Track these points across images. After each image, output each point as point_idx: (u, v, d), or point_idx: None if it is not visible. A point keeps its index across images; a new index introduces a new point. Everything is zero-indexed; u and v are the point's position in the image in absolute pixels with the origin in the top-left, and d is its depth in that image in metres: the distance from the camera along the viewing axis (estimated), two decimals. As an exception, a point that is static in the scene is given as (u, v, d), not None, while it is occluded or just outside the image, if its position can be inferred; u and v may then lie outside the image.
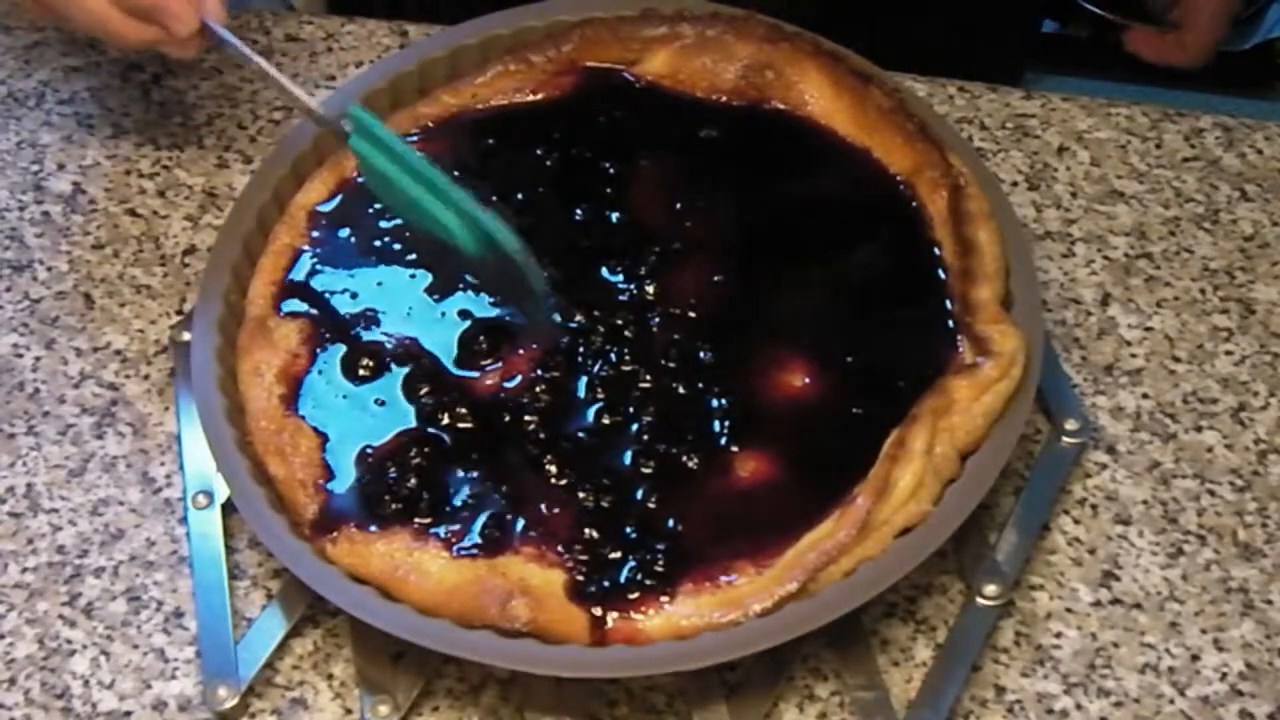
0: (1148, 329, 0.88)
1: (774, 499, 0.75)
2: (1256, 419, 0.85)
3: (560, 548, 0.74)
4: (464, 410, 0.78)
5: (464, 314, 0.82)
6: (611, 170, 0.87)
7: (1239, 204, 0.94)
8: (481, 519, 0.75)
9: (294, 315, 0.82)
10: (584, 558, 0.73)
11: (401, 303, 0.82)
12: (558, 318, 0.80)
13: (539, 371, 0.79)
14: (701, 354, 0.80)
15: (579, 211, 0.85)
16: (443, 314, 0.82)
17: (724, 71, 0.89)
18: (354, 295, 0.83)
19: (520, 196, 0.86)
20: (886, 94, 0.87)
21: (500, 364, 0.80)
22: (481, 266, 0.80)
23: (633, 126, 0.89)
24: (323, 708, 0.75)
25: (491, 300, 0.82)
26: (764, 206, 0.86)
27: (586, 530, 0.74)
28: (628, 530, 0.74)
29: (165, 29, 0.84)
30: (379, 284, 0.83)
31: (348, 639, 0.76)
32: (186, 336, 0.83)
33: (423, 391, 0.79)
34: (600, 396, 0.78)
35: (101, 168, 0.95)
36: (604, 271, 0.83)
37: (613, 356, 0.80)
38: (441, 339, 0.81)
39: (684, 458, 0.76)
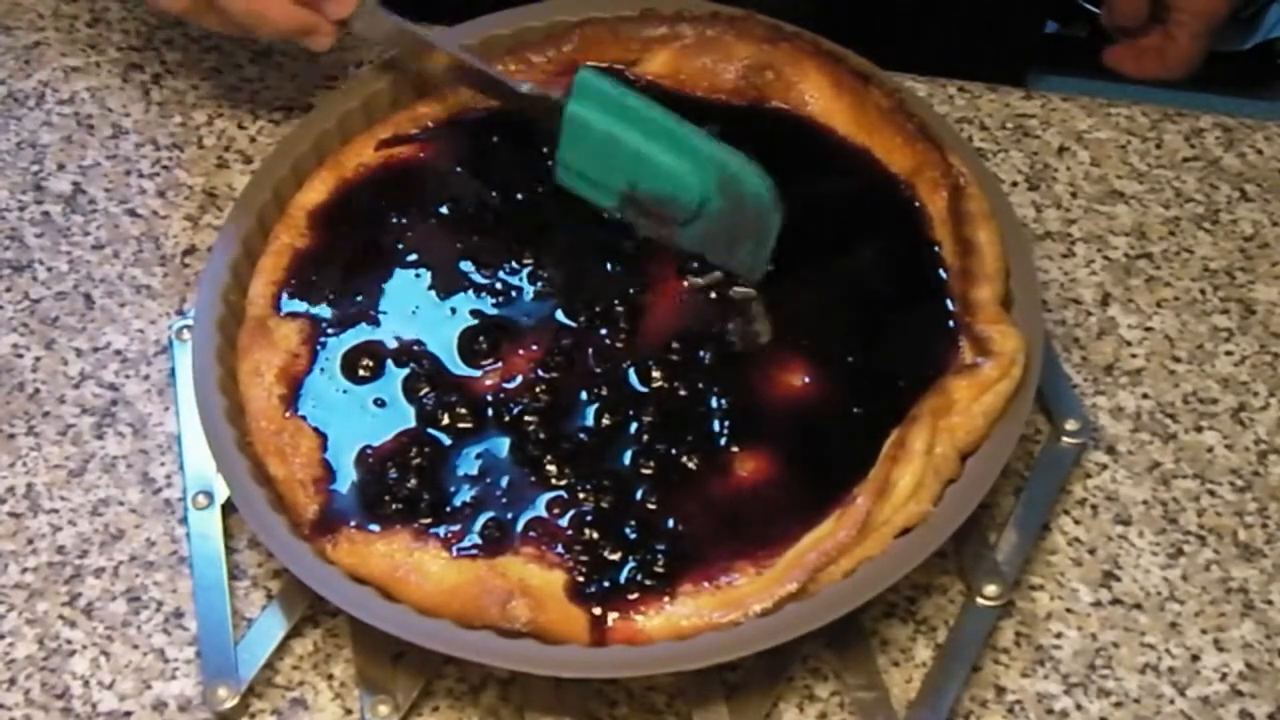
0: (1148, 329, 0.88)
1: (774, 499, 0.75)
2: (1256, 419, 0.85)
3: (560, 548, 0.74)
4: (464, 410, 0.78)
5: (464, 314, 0.82)
6: (611, 170, 0.87)
7: (1239, 204, 0.94)
8: (481, 519, 0.75)
9: (294, 315, 0.82)
10: (584, 558, 0.73)
11: (402, 303, 0.82)
12: (762, 272, 0.82)
13: (539, 372, 0.79)
14: (701, 354, 0.80)
15: (579, 212, 0.85)
16: (443, 314, 0.82)
17: (724, 71, 0.89)
18: (354, 295, 0.83)
19: (520, 196, 0.86)
20: (886, 94, 0.87)
21: (500, 364, 0.80)
22: (703, 218, 0.82)
23: (633, 126, 0.89)
24: (323, 708, 0.75)
25: (699, 250, 0.83)
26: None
27: (586, 530, 0.74)
28: (628, 530, 0.74)
29: (323, 12, 0.85)
30: (379, 284, 0.83)
31: (348, 639, 0.76)
32: (186, 336, 0.83)
33: (423, 392, 0.79)
34: (600, 397, 0.78)
35: (101, 168, 0.95)
36: (605, 271, 0.83)
37: (613, 357, 0.80)
38: (442, 339, 0.81)
39: (684, 458, 0.76)
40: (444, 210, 0.86)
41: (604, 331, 0.81)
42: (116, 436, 0.84)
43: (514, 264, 0.83)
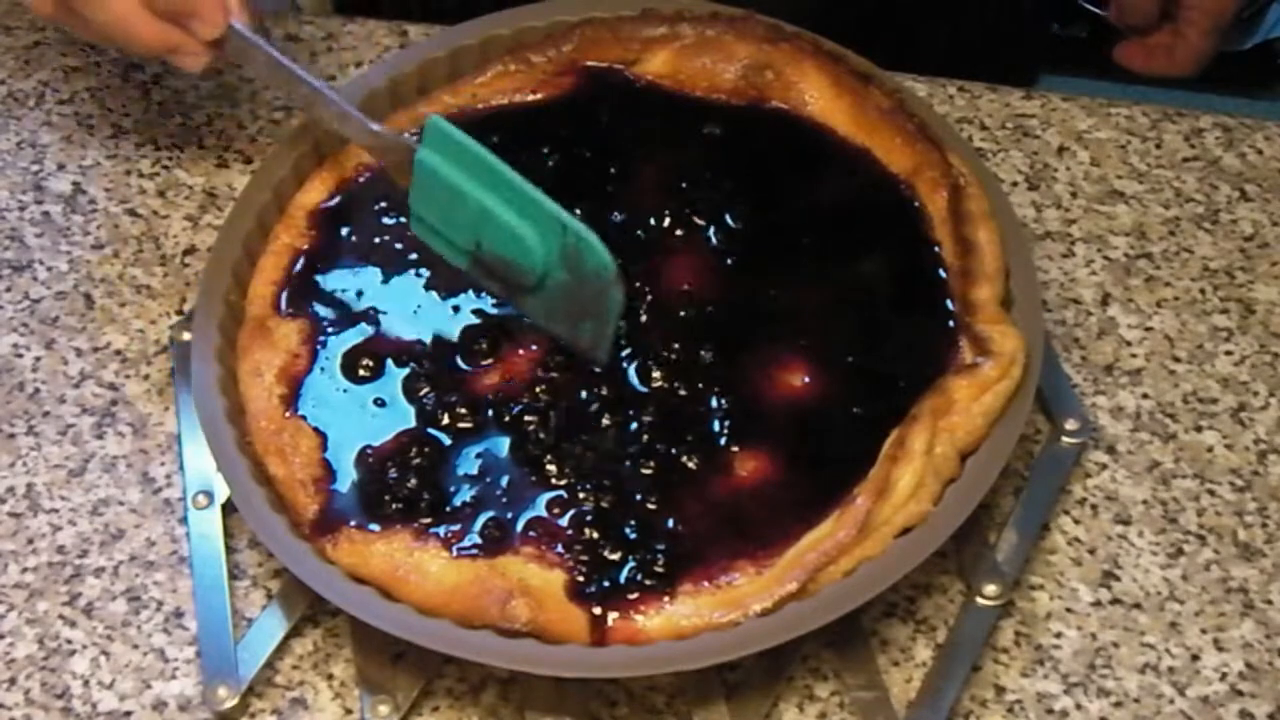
0: (1148, 329, 0.88)
1: (774, 499, 0.75)
2: (1256, 419, 0.85)
3: (560, 548, 0.74)
4: (464, 410, 0.78)
5: (464, 313, 0.82)
6: (611, 170, 0.87)
7: (1239, 204, 0.94)
8: (481, 519, 0.75)
9: (294, 315, 0.82)
10: (584, 558, 0.73)
11: (402, 302, 0.82)
12: (607, 356, 0.79)
13: (539, 372, 0.79)
14: (702, 354, 0.80)
15: (579, 211, 0.85)
16: (443, 314, 0.82)
17: (724, 71, 0.89)
18: (354, 295, 0.83)
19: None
20: (886, 94, 0.87)
21: (500, 364, 0.80)
22: (544, 289, 0.78)
23: (633, 126, 0.89)
24: (323, 708, 0.75)
25: (545, 324, 0.80)
26: (764, 206, 0.86)
27: (586, 530, 0.74)
28: (628, 530, 0.74)
29: (190, 31, 0.82)
30: (379, 284, 0.83)
31: (348, 639, 0.76)
32: (186, 336, 0.83)
33: (423, 391, 0.79)
34: (600, 396, 0.78)
35: (101, 168, 0.95)
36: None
37: (613, 356, 0.80)
38: (442, 339, 0.81)
39: (684, 458, 0.76)
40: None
41: (604, 331, 0.81)
42: (116, 436, 0.84)
43: (514, 264, 0.83)
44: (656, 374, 0.79)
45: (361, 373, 0.80)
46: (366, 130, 0.83)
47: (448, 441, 0.77)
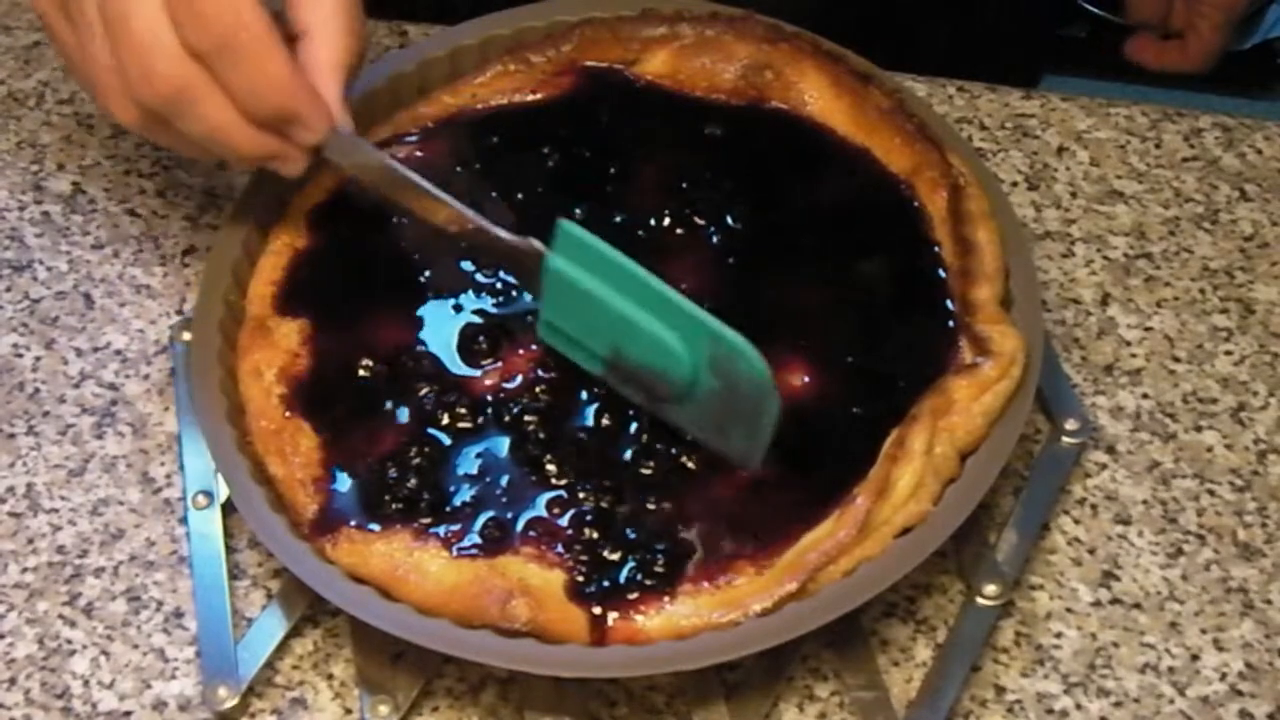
0: (1147, 329, 0.88)
1: (774, 499, 0.75)
2: (1256, 419, 0.85)
3: (560, 548, 0.74)
4: (464, 410, 0.78)
5: (464, 313, 0.82)
6: (611, 170, 0.87)
7: (1239, 204, 0.94)
8: (481, 519, 0.75)
9: (294, 315, 0.82)
10: (584, 558, 0.73)
11: (402, 302, 0.82)
12: (760, 464, 0.75)
13: (539, 372, 0.79)
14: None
15: (579, 211, 0.85)
16: (443, 314, 0.82)
17: (723, 71, 0.89)
18: (354, 295, 0.83)
19: (520, 196, 0.86)
20: (886, 94, 0.87)
21: (500, 364, 0.80)
22: (693, 398, 0.74)
23: (632, 126, 0.89)
24: (323, 708, 0.75)
25: (690, 435, 0.76)
26: (764, 207, 0.86)
27: (586, 530, 0.74)
28: (628, 530, 0.74)
29: (291, 139, 0.76)
30: (379, 284, 0.83)
31: (348, 639, 0.76)
32: (186, 336, 0.83)
33: (423, 391, 0.79)
34: (600, 396, 0.78)
35: (101, 168, 0.95)
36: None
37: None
38: (442, 339, 0.81)
39: (684, 458, 0.76)
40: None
41: (604, 331, 0.81)
42: (116, 436, 0.84)
43: (514, 264, 0.83)
44: (656, 374, 0.79)
45: (362, 373, 0.80)
46: (493, 237, 0.77)
47: (448, 441, 0.77)
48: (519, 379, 0.79)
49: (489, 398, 0.79)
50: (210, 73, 0.72)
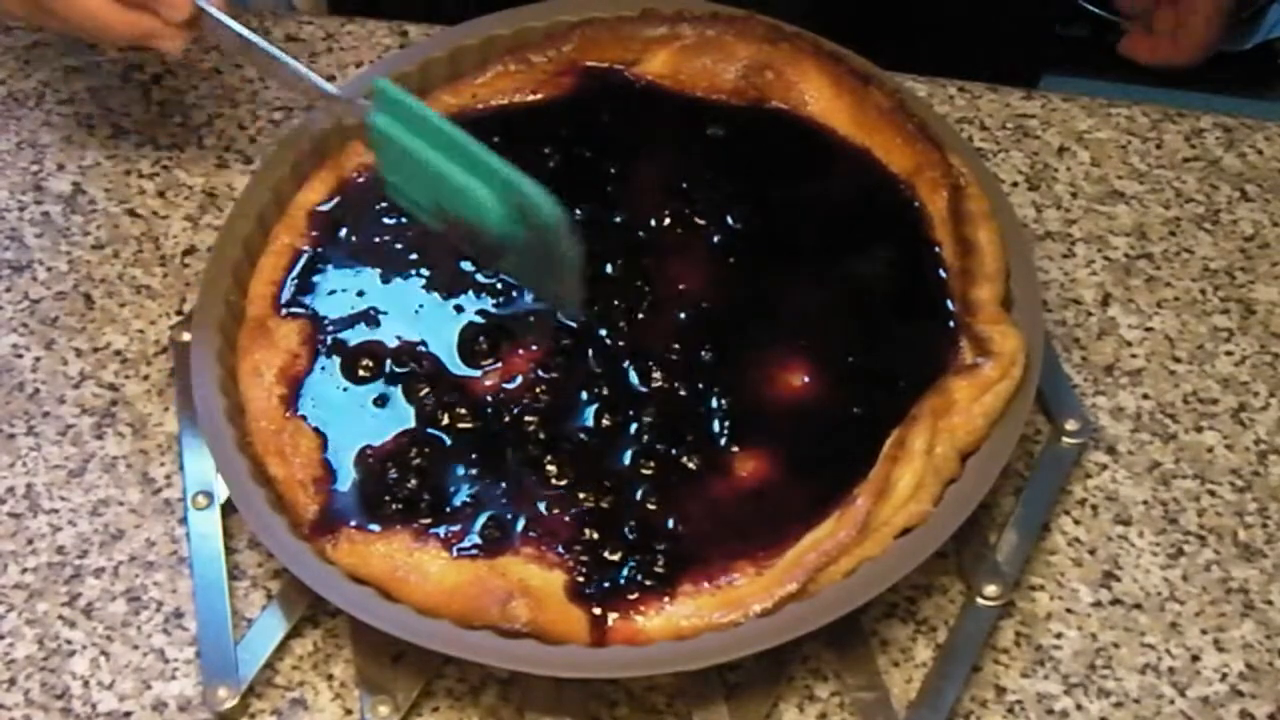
0: (1148, 329, 0.88)
1: (774, 499, 0.75)
2: (1257, 419, 0.85)
3: (560, 548, 0.74)
4: (464, 410, 0.78)
5: (464, 314, 0.82)
6: (612, 170, 0.87)
7: (1239, 204, 0.94)
8: (481, 519, 0.75)
9: (294, 315, 0.82)
10: (584, 558, 0.73)
11: (401, 303, 0.82)
12: (580, 310, 0.79)
13: (539, 372, 0.79)
14: (701, 354, 0.80)
15: (579, 212, 0.85)
16: (443, 314, 0.82)
17: (724, 72, 0.89)
18: (354, 295, 0.83)
19: (520, 196, 0.86)
20: (886, 94, 0.87)
21: (500, 364, 0.80)
22: (510, 248, 0.77)
23: (633, 127, 0.89)
24: (323, 708, 0.75)
25: (522, 283, 0.80)
26: (764, 207, 0.86)
27: (586, 531, 0.74)
28: (628, 531, 0.74)
29: (158, 15, 0.82)
30: (379, 284, 0.83)
31: (348, 639, 0.76)
32: (186, 336, 0.83)
33: (423, 392, 0.79)
34: (600, 397, 0.78)
35: (101, 168, 0.95)
36: (605, 271, 0.83)
37: (613, 357, 0.80)
38: (442, 339, 0.81)
39: (684, 458, 0.76)
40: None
41: (604, 331, 0.81)
42: (116, 436, 0.84)
43: (514, 264, 0.83)
44: (657, 374, 0.79)
45: (361, 373, 0.80)
46: (321, 94, 0.82)
47: (448, 442, 0.77)
48: (519, 379, 0.79)
49: (489, 398, 0.79)
50: None
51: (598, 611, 0.72)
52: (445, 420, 0.78)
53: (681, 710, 0.74)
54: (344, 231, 0.85)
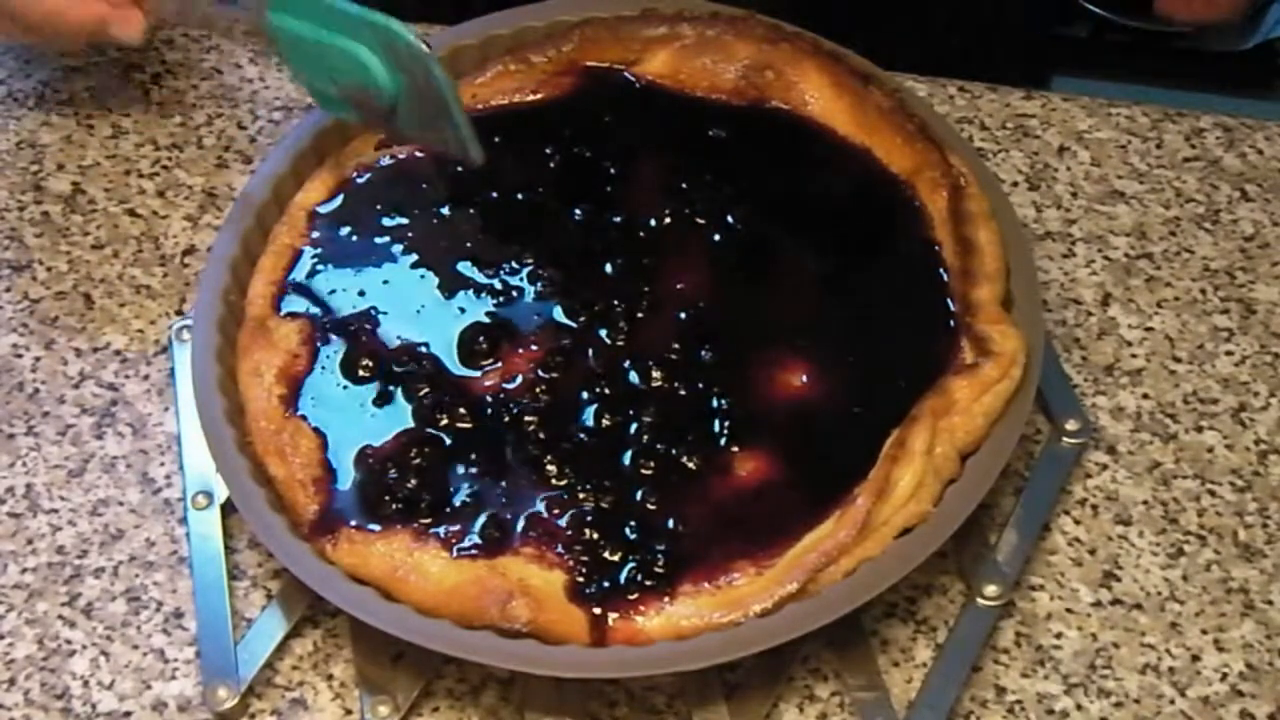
0: (1148, 329, 0.88)
1: (774, 499, 0.75)
2: (1257, 419, 0.85)
3: (560, 548, 0.74)
4: (464, 411, 0.78)
5: (464, 314, 0.82)
6: (612, 170, 0.87)
7: (1239, 204, 0.94)
8: (481, 519, 0.75)
9: (294, 315, 0.82)
10: (584, 558, 0.73)
11: (401, 303, 0.82)
12: (478, 149, 0.81)
13: (539, 372, 0.79)
14: (701, 354, 0.80)
15: (579, 211, 0.85)
16: (443, 314, 0.82)
17: (724, 72, 0.89)
18: (354, 295, 0.83)
19: (520, 196, 0.86)
20: (886, 94, 0.87)
21: (500, 364, 0.80)
22: (401, 103, 0.81)
23: (633, 127, 0.89)
24: (323, 708, 0.75)
25: (423, 140, 0.84)
26: (764, 206, 0.86)
27: (586, 531, 0.74)
28: (628, 531, 0.74)
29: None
30: (379, 284, 0.83)
31: (348, 639, 0.76)
32: (186, 336, 0.83)
33: (423, 392, 0.79)
34: (600, 396, 0.78)
35: (101, 168, 0.95)
36: (605, 271, 0.83)
37: (613, 357, 0.80)
38: (441, 339, 0.81)
39: (684, 458, 0.76)
40: (444, 210, 0.86)
41: (604, 331, 0.81)
42: (116, 436, 0.84)
43: (514, 264, 0.83)
44: (656, 374, 0.79)
45: (361, 373, 0.80)
46: (231, 12, 0.87)
47: (448, 442, 0.77)
48: (519, 379, 0.79)
49: (489, 398, 0.79)
50: None
51: (598, 611, 0.72)
52: (445, 420, 0.78)
53: (681, 710, 0.74)
54: (344, 231, 0.85)
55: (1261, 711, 0.75)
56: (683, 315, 0.81)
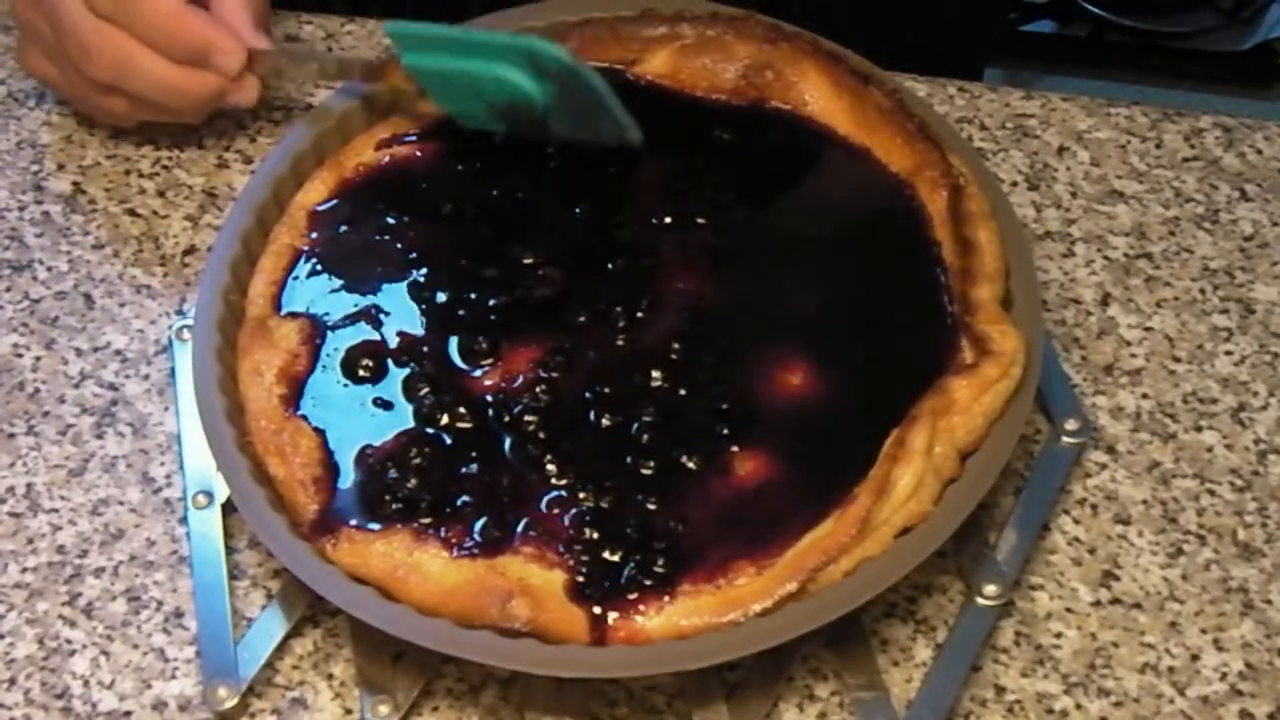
0: (1148, 329, 0.88)
1: (774, 499, 0.75)
2: (1256, 419, 0.85)
3: (560, 548, 0.74)
4: (464, 410, 0.78)
5: (465, 313, 0.82)
6: (612, 169, 0.87)
7: (1239, 204, 0.94)
8: (481, 519, 0.75)
9: (294, 315, 0.82)
10: (584, 558, 0.73)
11: (402, 302, 0.82)
12: (636, 131, 0.83)
13: (539, 372, 0.79)
14: (702, 354, 0.80)
15: (579, 211, 0.86)
16: (443, 313, 0.82)
17: (724, 71, 0.89)
18: (354, 295, 0.83)
19: (521, 196, 0.86)
20: (886, 94, 0.87)
21: (500, 364, 0.80)
22: (553, 109, 0.83)
23: (633, 126, 0.89)
24: (323, 708, 0.75)
25: (579, 139, 0.85)
26: (764, 207, 0.86)
27: (586, 530, 0.74)
28: (628, 530, 0.74)
29: (219, 68, 0.86)
30: (379, 284, 0.83)
31: (348, 639, 0.76)
32: (186, 336, 0.83)
33: (423, 391, 0.79)
34: (600, 396, 0.78)
35: (101, 168, 0.95)
36: (605, 271, 0.83)
37: (613, 356, 0.80)
38: (442, 339, 0.81)
39: (684, 458, 0.76)
40: (444, 210, 0.86)
41: (604, 331, 0.81)
42: (116, 436, 0.84)
43: (514, 264, 0.83)
44: (656, 374, 0.79)
45: (361, 373, 0.80)
46: (361, 64, 0.89)
47: (448, 441, 0.77)
48: (519, 379, 0.79)
49: (489, 398, 0.79)
50: (127, 31, 0.84)
51: (598, 611, 0.72)
52: (445, 420, 0.78)
53: (681, 710, 0.74)
54: (344, 231, 0.85)
55: (1261, 711, 0.75)
56: (683, 315, 0.81)
